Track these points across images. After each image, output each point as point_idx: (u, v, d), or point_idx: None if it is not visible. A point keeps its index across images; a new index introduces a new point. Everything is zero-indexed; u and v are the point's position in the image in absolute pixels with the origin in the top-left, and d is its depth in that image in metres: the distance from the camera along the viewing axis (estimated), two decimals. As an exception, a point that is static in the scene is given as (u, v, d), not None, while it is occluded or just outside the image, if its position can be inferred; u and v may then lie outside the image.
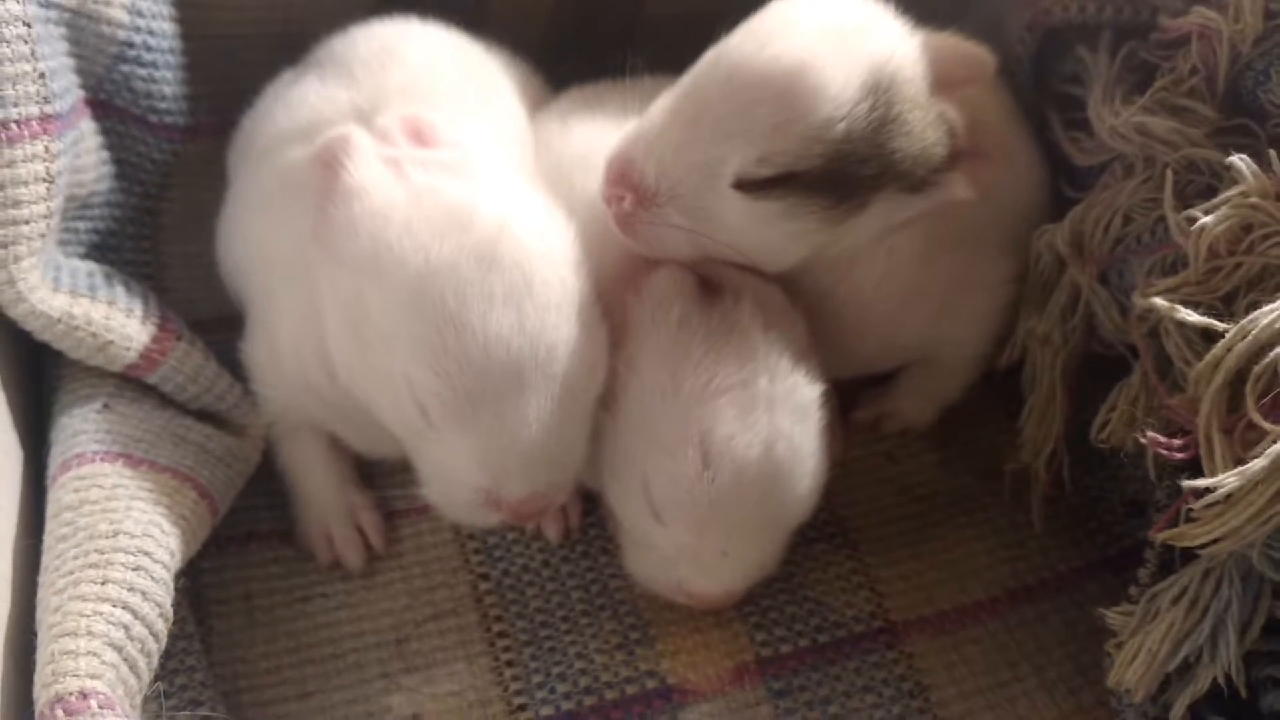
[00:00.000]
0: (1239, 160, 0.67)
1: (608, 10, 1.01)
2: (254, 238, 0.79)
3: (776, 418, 0.69)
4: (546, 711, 0.73)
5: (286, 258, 0.74)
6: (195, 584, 0.76)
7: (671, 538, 0.71)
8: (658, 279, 0.72)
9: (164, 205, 0.90)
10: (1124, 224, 0.76)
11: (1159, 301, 0.67)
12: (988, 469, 0.88)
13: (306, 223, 0.70)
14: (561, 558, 0.81)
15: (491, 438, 0.66)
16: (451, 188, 0.68)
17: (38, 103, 0.68)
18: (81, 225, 0.82)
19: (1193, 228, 0.67)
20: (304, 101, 0.80)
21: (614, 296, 0.72)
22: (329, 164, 0.68)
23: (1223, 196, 0.67)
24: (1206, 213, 0.67)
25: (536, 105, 0.89)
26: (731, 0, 0.85)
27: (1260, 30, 0.71)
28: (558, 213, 0.72)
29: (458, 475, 0.68)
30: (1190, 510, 0.61)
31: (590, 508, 0.82)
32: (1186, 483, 0.61)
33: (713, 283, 0.73)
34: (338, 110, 0.76)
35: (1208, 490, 0.60)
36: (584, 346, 0.68)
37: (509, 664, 0.75)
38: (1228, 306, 0.66)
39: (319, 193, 0.69)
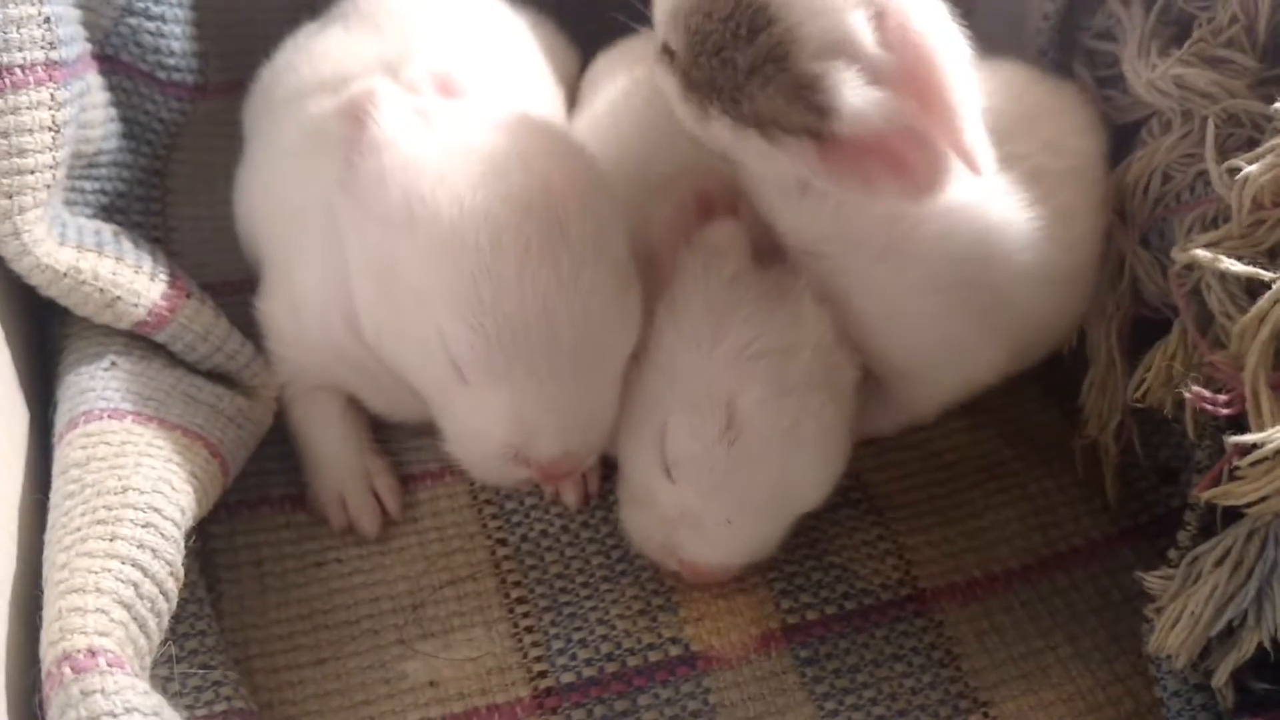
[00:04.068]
0: (1283, 107, 0.65)
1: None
2: (276, 191, 0.77)
3: (812, 393, 0.68)
4: (568, 678, 0.71)
5: (310, 211, 0.72)
6: (205, 549, 0.74)
7: (677, 497, 0.69)
8: (716, 231, 0.70)
9: (172, 167, 0.88)
10: (1163, 182, 0.74)
11: (1201, 253, 0.65)
12: (1017, 434, 0.87)
13: (332, 175, 0.68)
14: (581, 523, 0.79)
15: (525, 393, 0.64)
16: (484, 138, 0.66)
17: (43, 48, 0.66)
18: (88, 185, 0.80)
19: (1236, 178, 0.65)
20: (328, 53, 0.78)
21: (664, 248, 0.71)
22: (356, 116, 0.66)
23: (1267, 145, 0.65)
24: (1250, 163, 0.65)
25: (563, 66, 0.88)
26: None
27: (1305, -24, 0.69)
28: (592, 161, 0.70)
29: (487, 431, 0.66)
30: (1235, 469, 0.60)
31: (609, 473, 0.80)
32: (1233, 439, 0.59)
33: (768, 248, 0.71)
34: (363, 62, 0.75)
35: (1254, 447, 0.58)
36: (620, 304, 0.66)
37: (529, 630, 0.73)
38: (1272, 260, 0.64)
39: (346, 145, 0.67)
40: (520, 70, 0.81)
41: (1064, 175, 0.72)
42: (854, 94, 0.60)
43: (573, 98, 0.88)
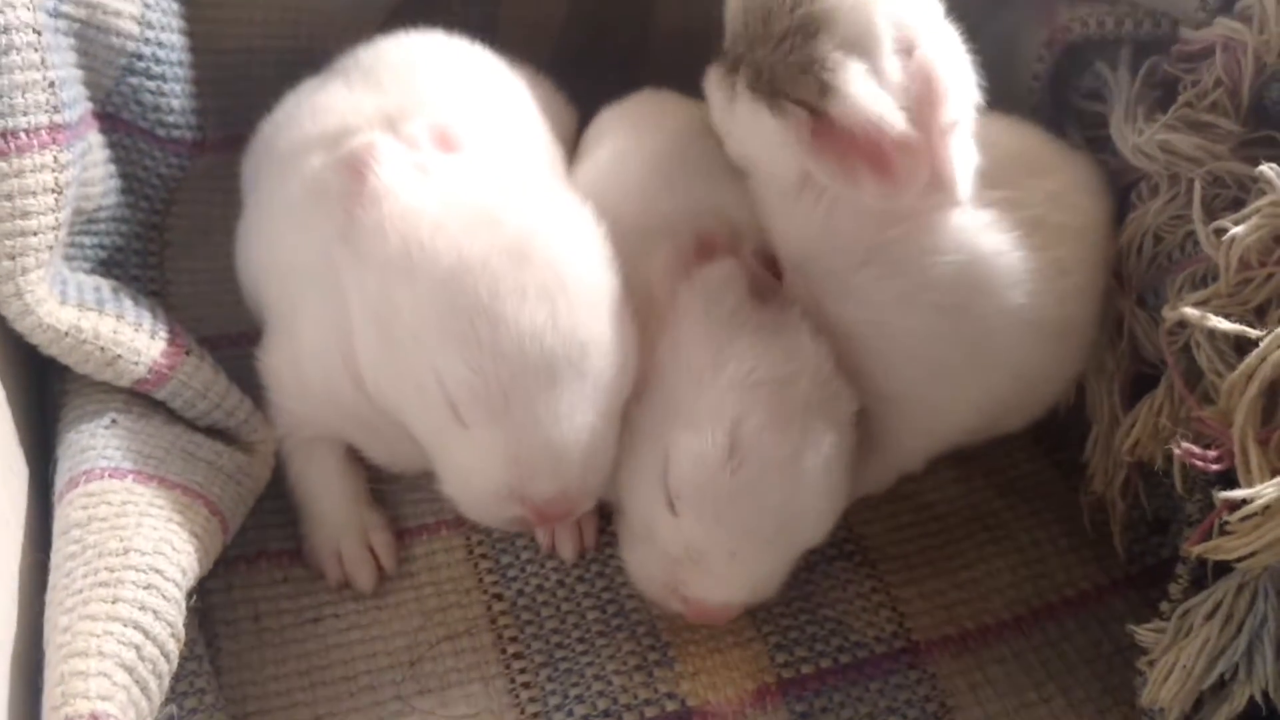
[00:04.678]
0: (1269, 169, 0.66)
1: (618, 26, 1.01)
2: (278, 244, 0.78)
3: (811, 422, 0.68)
4: (565, 734, 0.71)
5: (312, 264, 0.73)
6: (203, 604, 0.74)
7: (680, 531, 0.69)
8: (716, 269, 0.72)
9: (170, 221, 0.88)
10: (1155, 243, 0.76)
11: (1190, 312, 0.66)
12: (1007, 485, 0.87)
13: (332, 228, 0.69)
14: (577, 577, 0.79)
15: (523, 433, 0.65)
16: (481, 188, 0.68)
17: (47, 112, 0.67)
18: (87, 240, 0.80)
19: (1223, 238, 0.66)
20: (331, 108, 0.79)
21: (663, 287, 0.72)
22: (356, 168, 0.68)
23: (1253, 206, 0.66)
24: (1236, 223, 0.66)
25: (561, 123, 0.89)
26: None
27: (1286, 41, 0.71)
28: (588, 212, 0.71)
29: (483, 471, 0.67)
30: (1225, 523, 0.60)
31: (605, 524, 0.80)
32: (1223, 494, 0.60)
33: (766, 286, 0.73)
34: (365, 117, 0.76)
35: (1244, 502, 0.59)
36: (616, 346, 0.67)
37: (525, 686, 0.73)
38: (1260, 319, 0.65)
39: (344, 197, 0.68)
40: (519, 126, 0.82)
41: (1063, 229, 0.74)
42: (857, 83, 0.66)
43: (571, 155, 0.89)
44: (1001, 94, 0.87)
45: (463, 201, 0.67)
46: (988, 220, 0.71)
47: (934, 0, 0.72)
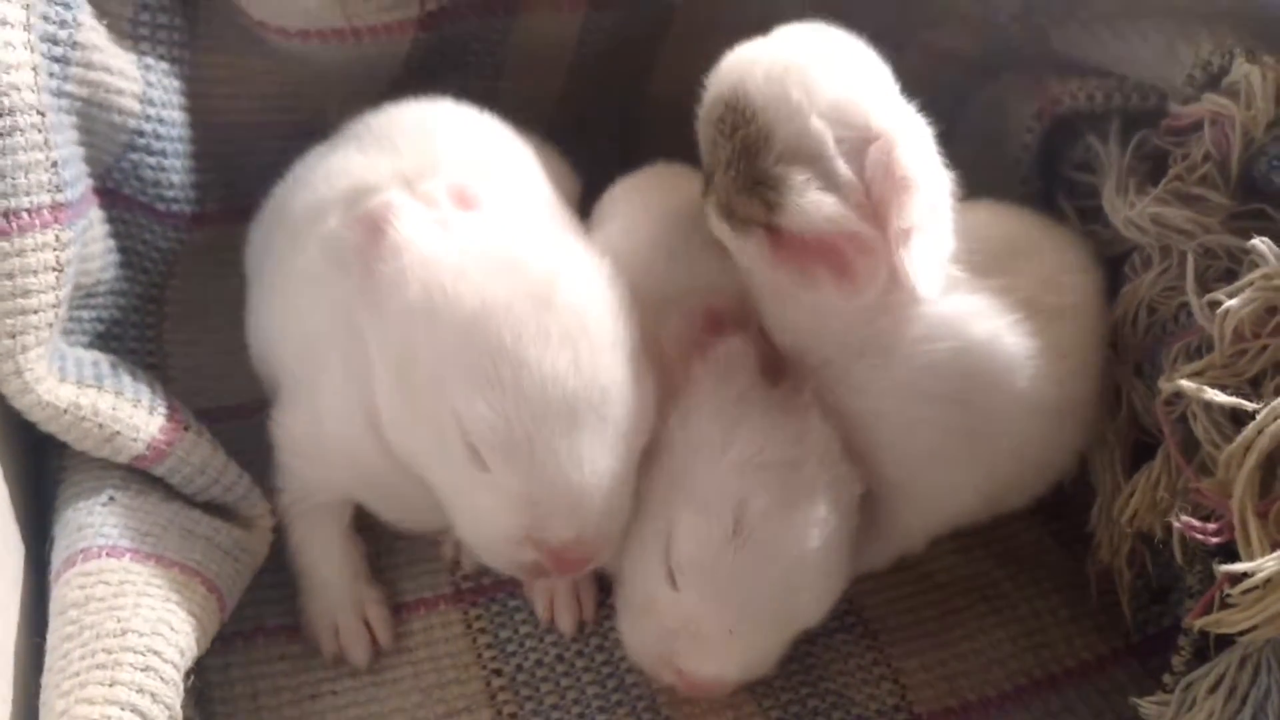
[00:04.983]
0: (1260, 243, 0.67)
1: (613, 97, 1.02)
2: (295, 308, 0.78)
3: (816, 505, 0.68)
4: (565, 813, 0.70)
5: (331, 324, 0.73)
6: (200, 682, 0.74)
7: (679, 605, 0.69)
8: (729, 346, 0.72)
9: (168, 293, 0.89)
10: (1149, 315, 0.76)
11: (1186, 384, 0.66)
12: (1006, 554, 0.87)
13: (351, 285, 0.69)
14: (576, 651, 0.79)
15: (543, 476, 0.65)
16: (501, 240, 0.68)
17: (49, 191, 0.67)
18: (86, 314, 0.80)
19: (1217, 311, 0.67)
20: (345, 171, 0.79)
21: (673, 358, 0.73)
22: (374, 225, 0.68)
23: (1246, 279, 0.67)
24: (1230, 295, 0.67)
25: (566, 189, 0.90)
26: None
27: (1272, 115, 0.72)
28: (606, 264, 0.72)
29: (501, 513, 0.66)
30: (1227, 595, 0.60)
31: (604, 597, 0.80)
32: (1223, 567, 0.60)
33: (776, 366, 0.73)
34: (381, 178, 0.76)
35: (1244, 575, 0.59)
36: (635, 392, 0.68)
37: (525, 763, 0.73)
38: (1255, 389, 0.66)
39: (362, 252, 0.68)
40: (531, 188, 0.83)
41: (1058, 311, 0.74)
42: (798, 193, 0.67)
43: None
44: (990, 164, 0.88)
45: (483, 250, 0.67)
46: (980, 306, 0.71)
47: (885, 82, 0.72)
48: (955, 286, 0.71)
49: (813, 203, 0.66)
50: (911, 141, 0.68)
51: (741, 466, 0.68)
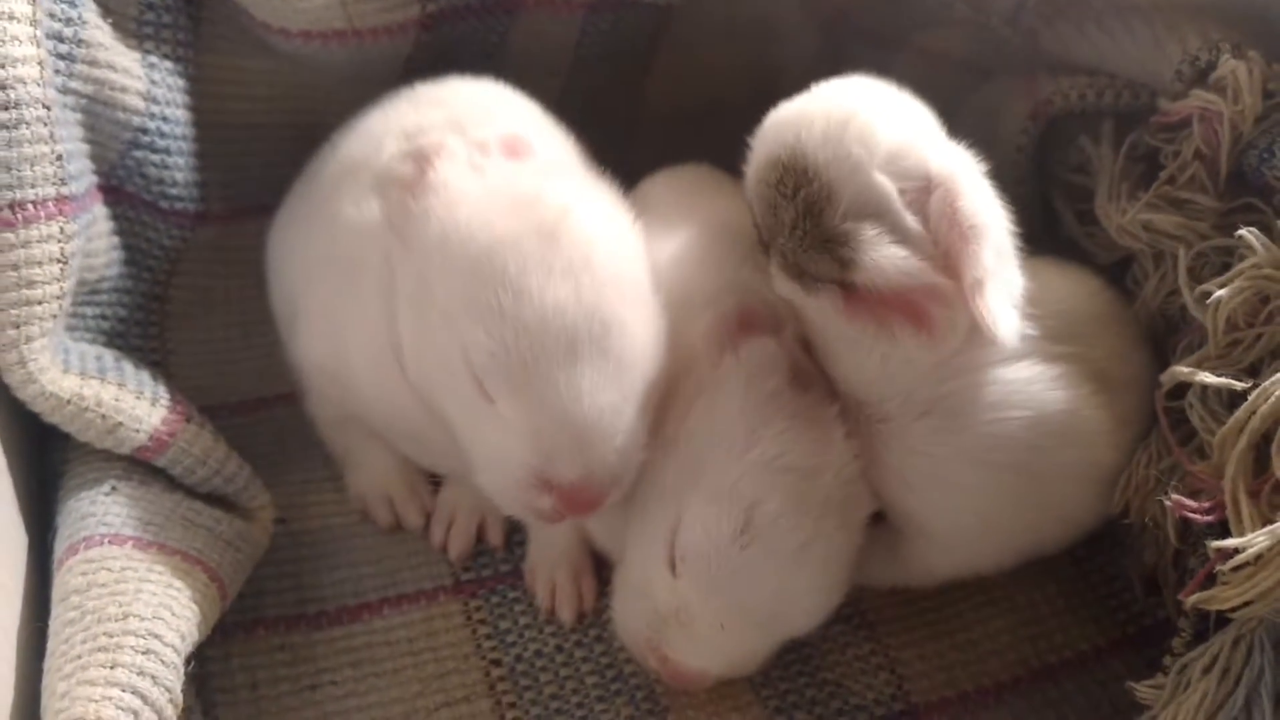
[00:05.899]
0: (1249, 233, 0.68)
1: (610, 105, 1.03)
2: (331, 235, 0.79)
3: (826, 518, 0.69)
4: (564, 801, 0.71)
5: (372, 256, 0.74)
6: (200, 671, 0.74)
7: (675, 592, 0.70)
8: (762, 346, 0.72)
9: (172, 291, 0.89)
10: (1165, 323, 0.78)
11: (1180, 369, 0.67)
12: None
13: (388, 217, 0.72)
14: (575, 642, 0.79)
15: (544, 409, 0.65)
16: (529, 185, 0.70)
17: (54, 184, 0.68)
18: (89, 311, 0.81)
19: (1208, 302, 0.68)
20: (402, 115, 0.81)
21: (704, 354, 0.73)
22: (421, 161, 0.70)
23: (1236, 269, 0.68)
24: (1221, 286, 0.68)
25: None
26: (730, 97, 0.87)
27: (1260, 110, 0.73)
28: (625, 211, 0.73)
29: (509, 451, 0.67)
30: (1219, 573, 0.61)
31: (603, 589, 0.81)
32: (1215, 543, 0.61)
33: (807, 375, 0.73)
34: (434, 124, 0.77)
35: (1237, 551, 0.59)
36: (640, 329, 0.68)
37: (524, 751, 0.73)
38: (1252, 378, 0.66)
39: (403, 188, 0.70)
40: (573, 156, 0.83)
41: (1127, 383, 0.74)
42: (872, 249, 0.66)
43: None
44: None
45: (506, 192, 0.69)
46: (1056, 374, 0.71)
47: (933, 127, 0.72)
48: (1030, 351, 0.71)
49: (888, 258, 0.66)
50: (970, 186, 0.68)
51: (761, 467, 0.68)
